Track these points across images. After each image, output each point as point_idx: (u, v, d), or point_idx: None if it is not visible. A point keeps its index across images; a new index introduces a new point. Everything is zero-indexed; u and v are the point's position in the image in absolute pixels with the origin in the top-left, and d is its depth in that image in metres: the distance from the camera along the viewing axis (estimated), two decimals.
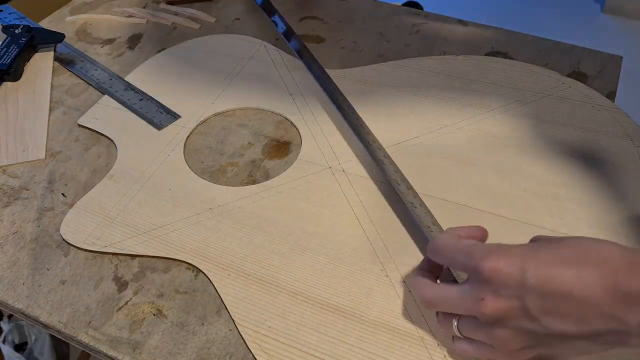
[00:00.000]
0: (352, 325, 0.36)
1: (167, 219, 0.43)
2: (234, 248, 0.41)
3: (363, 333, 0.36)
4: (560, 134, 0.48)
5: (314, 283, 0.39)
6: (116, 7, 0.69)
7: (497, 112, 0.51)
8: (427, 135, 0.49)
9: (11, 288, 0.40)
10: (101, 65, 0.60)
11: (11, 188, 0.47)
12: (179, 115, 0.53)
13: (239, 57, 0.59)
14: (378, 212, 0.43)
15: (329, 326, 0.36)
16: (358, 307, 0.37)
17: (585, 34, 1.69)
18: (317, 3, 0.69)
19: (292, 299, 0.38)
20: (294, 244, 0.41)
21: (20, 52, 0.58)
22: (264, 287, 0.38)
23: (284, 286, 0.38)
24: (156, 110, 0.53)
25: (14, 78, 0.57)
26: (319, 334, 0.36)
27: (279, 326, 0.36)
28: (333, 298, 0.38)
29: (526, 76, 0.55)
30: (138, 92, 0.55)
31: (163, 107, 0.53)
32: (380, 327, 0.36)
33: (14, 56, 0.57)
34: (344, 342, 0.35)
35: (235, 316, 0.37)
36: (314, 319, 0.36)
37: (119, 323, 0.37)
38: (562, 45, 0.60)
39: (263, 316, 0.37)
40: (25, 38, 0.60)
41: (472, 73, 0.55)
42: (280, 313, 0.37)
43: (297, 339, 0.36)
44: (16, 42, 0.59)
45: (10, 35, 0.60)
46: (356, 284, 0.38)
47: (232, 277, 0.39)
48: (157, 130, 0.51)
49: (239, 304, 0.38)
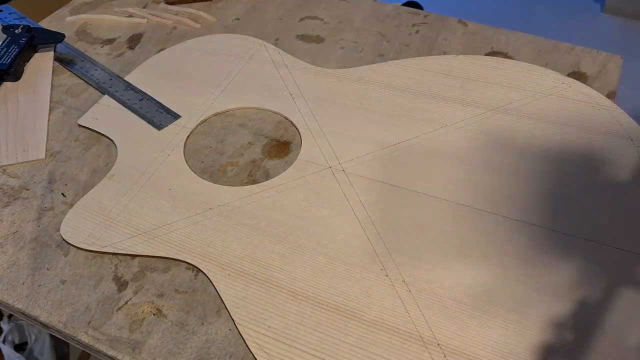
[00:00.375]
0: (352, 325, 0.36)
1: (167, 219, 0.43)
2: (234, 248, 0.41)
3: (363, 332, 0.36)
4: (560, 134, 0.48)
5: (313, 283, 0.39)
6: (116, 7, 0.69)
7: (498, 112, 0.51)
8: (426, 135, 0.49)
9: (11, 288, 0.40)
10: (101, 65, 0.60)
11: (11, 188, 0.47)
12: (179, 115, 0.53)
13: (239, 57, 0.59)
14: (378, 211, 0.43)
15: (328, 326, 0.36)
16: (358, 307, 0.37)
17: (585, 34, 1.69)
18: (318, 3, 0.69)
19: (292, 298, 0.38)
20: (293, 244, 0.41)
21: (20, 52, 0.58)
22: (263, 287, 0.38)
23: (283, 286, 0.38)
24: (156, 110, 0.53)
25: (14, 78, 0.57)
26: (318, 333, 0.36)
27: (279, 326, 0.36)
28: (333, 298, 0.38)
29: (526, 76, 0.55)
30: (138, 92, 0.55)
31: (163, 107, 0.53)
32: (380, 326, 0.36)
33: (14, 56, 0.57)
34: (344, 342, 0.35)
35: (235, 316, 0.37)
36: (313, 319, 0.37)
37: (118, 323, 0.37)
38: (562, 45, 0.60)
39: (263, 316, 0.37)
40: (26, 38, 0.60)
41: (472, 73, 0.55)
42: (280, 313, 0.37)
43: (297, 339, 0.36)
44: (16, 42, 0.59)
45: (10, 35, 0.60)
46: (356, 284, 0.38)
47: (232, 277, 0.39)
48: (157, 131, 0.51)
49: (239, 303, 0.38)
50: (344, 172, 0.46)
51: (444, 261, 0.39)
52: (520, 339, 0.35)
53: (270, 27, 0.64)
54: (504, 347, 0.34)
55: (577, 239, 0.40)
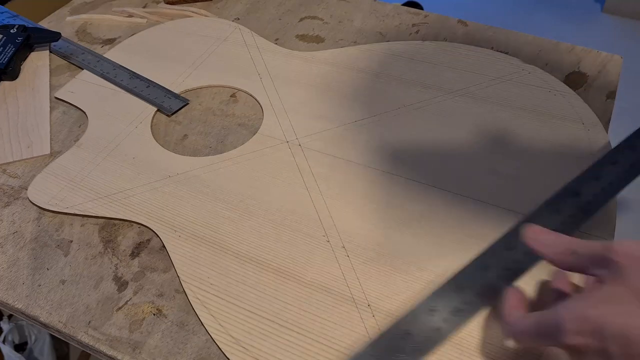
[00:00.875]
0: (290, 285, 0.38)
1: (127, 184, 0.46)
2: (187, 212, 0.43)
3: (299, 292, 0.38)
4: (514, 117, 0.50)
5: (257, 245, 0.41)
6: (116, 7, 0.70)
7: (456, 94, 0.53)
8: (385, 114, 0.51)
9: (11, 288, 0.40)
10: (103, 56, 0.60)
11: (11, 188, 0.47)
12: (187, 99, 0.54)
13: (214, 39, 0.62)
14: (328, 183, 0.45)
15: (267, 285, 0.38)
16: (297, 269, 0.39)
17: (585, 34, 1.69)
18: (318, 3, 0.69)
19: (236, 259, 0.40)
20: (243, 210, 0.43)
21: (16, 51, 0.58)
22: (210, 248, 0.41)
23: (229, 248, 0.41)
24: (164, 95, 0.54)
25: (12, 77, 0.58)
26: (257, 291, 0.38)
27: (221, 283, 0.38)
28: (274, 260, 0.40)
29: (488, 62, 0.56)
30: (143, 79, 0.56)
31: (170, 92, 0.54)
32: (316, 287, 0.38)
33: (10, 55, 0.58)
34: (279, 300, 0.37)
35: (182, 274, 0.39)
36: (254, 278, 0.39)
37: (118, 323, 0.37)
38: (562, 45, 0.59)
39: (207, 274, 0.39)
40: (21, 37, 0.60)
41: (436, 58, 0.57)
42: (223, 272, 0.39)
43: (237, 296, 0.38)
44: (12, 42, 0.59)
45: (5, 35, 0.60)
46: (297, 248, 0.40)
47: (182, 239, 0.41)
48: (127, 104, 0.54)
49: (186, 262, 0.40)
50: (300, 147, 0.48)
51: (385, 229, 0.41)
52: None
53: (270, 27, 0.65)
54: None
55: (510, 212, 0.42)
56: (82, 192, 0.45)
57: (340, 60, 0.58)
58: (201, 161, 0.47)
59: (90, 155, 0.48)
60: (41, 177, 0.47)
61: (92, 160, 0.48)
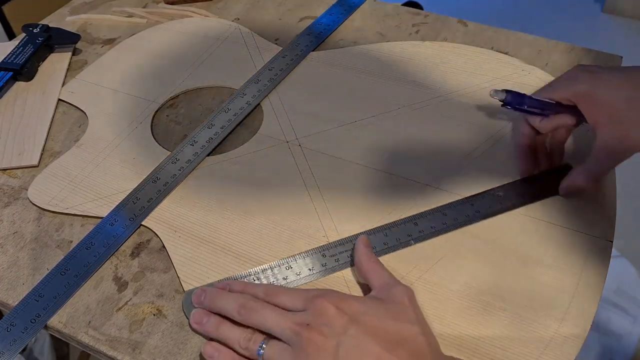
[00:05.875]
0: None
1: (128, 185, 0.46)
2: (187, 213, 0.43)
3: None
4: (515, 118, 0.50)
5: (257, 246, 0.41)
6: (116, 7, 0.69)
7: (454, 95, 0.53)
8: (383, 115, 0.51)
9: (11, 288, 0.40)
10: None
11: (11, 188, 0.47)
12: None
13: (214, 39, 0.62)
14: (328, 183, 0.45)
15: None
16: None
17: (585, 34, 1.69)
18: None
19: (236, 259, 0.40)
20: (244, 211, 0.43)
21: (35, 51, 0.57)
22: (210, 249, 0.41)
23: (229, 248, 0.41)
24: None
25: (27, 78, 0.57)
26: None
27: None
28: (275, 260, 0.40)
29: (487, 63, 0.56)
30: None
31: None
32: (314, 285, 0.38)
33: (28, 56, 0.56)
34: None
35: (181, 273, 0.39)
36: None
37: (118, 323, 0.37)
38: (562, 45, 0.59)
39: (206, 274, 0.39)
40: (42, 38, 0.59)
41: (435, 59, 0.57)
42: (222, 272, 0.39)
43: None
44: (32, 42, 0.58)
45: (28, 34, 0.59)
46: (298, 248, 0.40)
47: (182, 239, 0.41)
48: (127, 104, 0.54)
49: (186, 262, 0.40)
50: (300, 147, 0.48)
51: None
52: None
53: (270, 27, 0.64)
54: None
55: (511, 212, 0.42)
56: (82, 193, 0.45)
57: (339, 61, 0.58)
58: (202, 161, 0.47)
59: (90, 156, 0.48)
60: (41, 177, 0.47)
61: (92, 161, 0.48)
